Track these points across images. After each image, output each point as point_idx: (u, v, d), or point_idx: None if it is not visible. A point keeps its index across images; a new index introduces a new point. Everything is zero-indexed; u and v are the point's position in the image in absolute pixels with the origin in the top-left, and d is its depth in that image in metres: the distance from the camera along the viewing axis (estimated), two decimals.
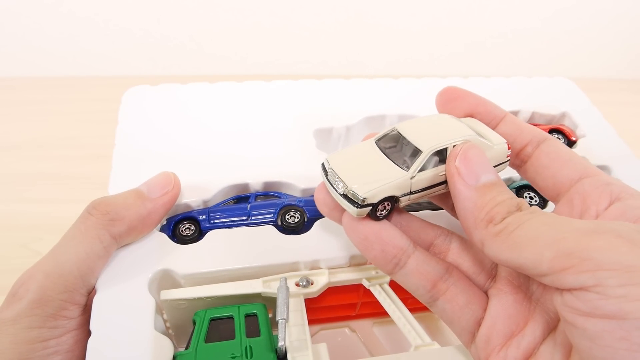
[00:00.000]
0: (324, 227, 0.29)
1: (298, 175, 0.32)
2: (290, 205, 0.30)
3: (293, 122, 0.36)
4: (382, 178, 0.23)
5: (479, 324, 0.23)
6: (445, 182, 0.24)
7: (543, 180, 0.24)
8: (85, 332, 0.25)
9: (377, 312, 0.31)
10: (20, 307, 0.23)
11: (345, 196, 0.23)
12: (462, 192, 0.22)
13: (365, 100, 0.38)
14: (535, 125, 0.38)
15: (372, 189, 0.22)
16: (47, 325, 0.23)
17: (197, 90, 0.37)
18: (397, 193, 0.23)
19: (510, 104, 0.39)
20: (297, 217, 0.29)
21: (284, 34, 0.76)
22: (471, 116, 0.26)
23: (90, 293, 0.26)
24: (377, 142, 0.25)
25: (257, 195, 0.31)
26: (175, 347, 0.25)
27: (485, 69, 0.84)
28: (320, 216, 0.30)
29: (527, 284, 0.23)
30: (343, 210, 0.24)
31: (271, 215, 0.30)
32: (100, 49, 0.74)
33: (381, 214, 0.23)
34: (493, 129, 0.26)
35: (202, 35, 0.75)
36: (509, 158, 0.25)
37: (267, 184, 0.32)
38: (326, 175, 0.24)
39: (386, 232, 0.23)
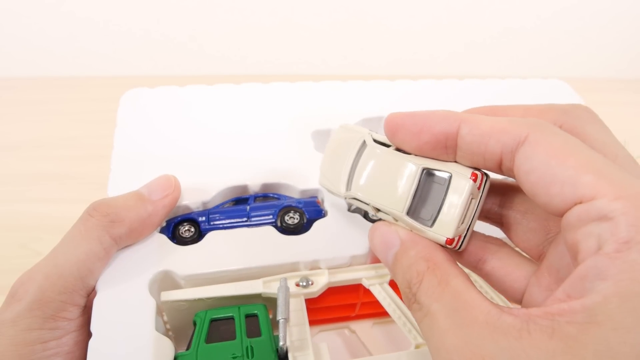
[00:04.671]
0: (324, 228, 0.29)
1: (296, 176, 0.32)
2: (290, 206, 0.30)
3: (291, 123, 0.36)
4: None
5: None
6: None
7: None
8: (85, 334, 0.25)
9: (377, 312, 0.31)
10: (20, 308, 0.23)
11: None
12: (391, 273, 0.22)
13: (363, 102, 0.38)
14: None
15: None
16: (46, 326, 0.23)
17: (195, 92, 0.38)
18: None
19: None
20: (297, 218, 0.29)
21: (283, 33, 0.76)
22: None
23: (90, 294, 0.26)
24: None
25: (255, 197, 0.31)
26: (175, 348, 0.25)
27: (485, 69, 0.84)
28: (319, 217, 0.30)
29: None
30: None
31: (271, 216, 0.30)
32: (100, 49, 0.74)
33: None
34: None
35: (202, 35, 0.75)
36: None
37: (265, 186, 0.32)
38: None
39: None
